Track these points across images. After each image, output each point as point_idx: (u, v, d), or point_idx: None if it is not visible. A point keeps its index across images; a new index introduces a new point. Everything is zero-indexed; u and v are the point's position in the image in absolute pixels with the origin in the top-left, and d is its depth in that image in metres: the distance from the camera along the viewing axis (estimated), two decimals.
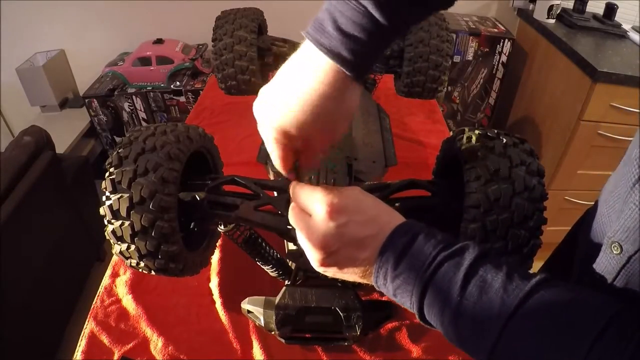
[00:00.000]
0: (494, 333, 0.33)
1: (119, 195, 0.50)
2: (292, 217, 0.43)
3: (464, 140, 0.53)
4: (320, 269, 0.42)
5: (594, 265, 0.44)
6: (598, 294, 0.33)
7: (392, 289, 0.39)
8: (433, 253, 0.37)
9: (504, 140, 0.52)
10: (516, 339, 0.32)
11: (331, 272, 0.42)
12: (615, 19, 1.73)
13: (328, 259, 0.40)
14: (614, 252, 0.41)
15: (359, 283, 0.47)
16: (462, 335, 0.36)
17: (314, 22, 0.37)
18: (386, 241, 0.39)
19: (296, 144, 0.41)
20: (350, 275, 0.41)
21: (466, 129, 0.56)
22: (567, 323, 0.31)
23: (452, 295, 0.35)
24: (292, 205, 0.44)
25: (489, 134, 0.54)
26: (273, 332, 0.57)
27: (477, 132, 0.54)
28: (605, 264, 0.42)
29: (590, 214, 0.50)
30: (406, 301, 0.39)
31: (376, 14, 0.34)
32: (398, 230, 0.39)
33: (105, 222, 0.52)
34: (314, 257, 0.41)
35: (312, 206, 0.41)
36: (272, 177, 0.78)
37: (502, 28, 1.92)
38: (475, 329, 0.34)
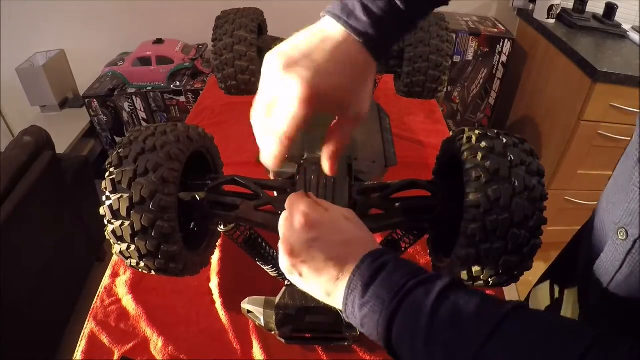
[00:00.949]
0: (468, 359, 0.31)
1: (119, 195, 0.50)
2: (280, 220, 0.45)
3: (464, 140, 0.53)
4: (288, 276, 0.43)
5: (600, 257, 0.44)
6: (575, 321, 0.32)
7: (359, 317, 0.37)
8: (402, 281, 0.35)
9: (504, 140, 0.52)
10: None
11: (296, 282, 0.43)
12: (615, 19, 1.73)
13: (293, 268, 0.41)
14: (620, 237, 0.41)
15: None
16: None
17: (342, 7, 0.39)
18: (355, 268, 0.38)
19: (327, 109, 0.39)
20: (314, 291, 0.41)
21: (466, 129, 0.56)
22: (544, 350, 0.29)
23: (422, 323, 0.33)
24: (284, 210, 0.45)
25: (489, 134, 0.54)
26: (273, 332, 0.57)
27: (477, 132, 0.54)
28: (612, 251, 0.42)
29: (594, 212, 0.51)
30: (373, 332, 0.37)
31: (399, 3, 0.38)
32: (368, 258, 0.38)
33: (105, 222, 0.52)
34: (282, 262, 0.42)
35: (294, 214, 0.43)
36: (272, 177, 0.78)
37: (502, 28, 1.92)
38: (447, 356, 0.32)
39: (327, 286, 0.40)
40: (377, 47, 0.39)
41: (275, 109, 0.39)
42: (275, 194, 0.64)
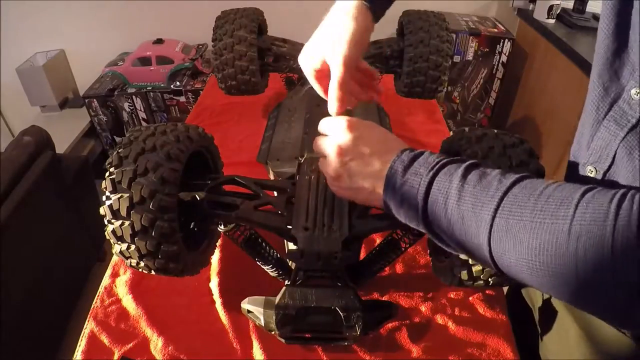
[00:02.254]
0: (494, 202, 0.35)
1: (119, 195, 0.50)
2: (317, 143, 0.51)
3: (464, 140, 0.54)
4: (334, 184, 0.49)
5: None
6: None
7: (398, 200, 0.42)
8: (437, 160, 0.41)
9: (504, 141, 0.52)
10: (515, 206, 0.34)
11: (345, 185, 0.48)
12: None
13: (342, 168, 0.47)
14: (590, 175, 0.46)
15: (358, 284, 0.47)
16: (462, 218, 0.38)
17: None
18: (396, 156, 0.43)
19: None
20: (359, 191, 0.46)
21: (466, 129, 0.56)
22: (560, 186, 0.34)
23: (454, 184, 0.38)
24: (317, 137, 0.51)
25: (488, 134, 0.54)
26: (273, 332, 0.56)
27: (477, 132, 0.54)
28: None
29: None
30: (412, 207, 0.41)
31: None
32: (406, 150, 0.44)
33: (106, 222, 0.52)
34: (330, 170, 0.48)
35: (335, 124, 0.49)
36: (272, 177, 0.78)
37: (502, 28, 1.92)
38: (476, 204, 0.37)
39: (371, 180, 0.45)
40: (378, 10, 0.53)
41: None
42: (275, 194, 0.64)
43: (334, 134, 0.48)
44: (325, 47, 0.52)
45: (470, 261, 0.55)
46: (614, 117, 0.44)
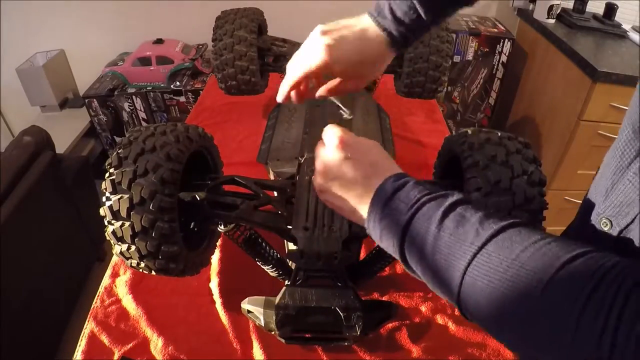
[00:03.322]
0: (466, 258, 0.34)
1: (119, 196, 0.50)
2: (317, 148, 0.50)
3: (466, 145, 0.53)
4: (321, 197, 0.49)
5: (583, 236, 0.46)
6: (569, 240, 0.33)
7: (378, 231, 0.41)
8: (418, 196, 0.39)
9: (507, 147, 0.52)
10: (485, 268, 0.33)
11: (329, 202, 0.48)
12: (615, 19, 1.73)
13: (325, 184, 0.46)
14: (604, 228, 0.43)
15: (357, 284, 0.46)
16: (436, 267, 0.37)
17: (375, 6, 0.52)
18: (379, 186, 0.42)
19: (334, 72, 0.53)
20: (342, 208, 0.46)
21: (469, 132, 0.56)
22: (539, 250, 0.32)
23: (431, 230, 0.37)
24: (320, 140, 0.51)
25: (492, 138, 0.53)
26: (273, 332, 0.56)
27: (480, 135, 0.54)
28: (597, 241, 0.44)
29: (580, 206, 0.52)
30: (389, 244, 0.41)
31: (420, 9, 0.49)
32: (390, 178, 0.42)
33: (106, 223, 0.52)
34: (316, 182, 0.48)
35: (329, 137, 0.48)
36: (272, 177, 0.78)
37: (502, 28, 1.92)
38: (449, 256, 0.35)
39: (353, 202, 0.44)
40: (395, 42, 0.51)
41: (301, 57, 0.53)
42: (275, 194, 0.64)
43: (327, 148, 0.47)
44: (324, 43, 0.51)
45: None
46: (638, 172, 0.39)
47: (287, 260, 0.64)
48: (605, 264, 0.29)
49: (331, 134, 0.48)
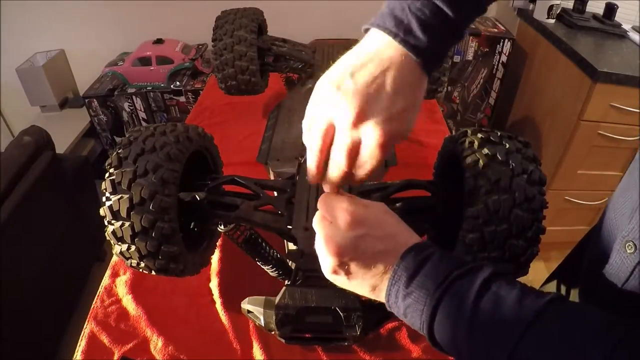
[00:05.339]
0: (510, 345, 0.32)
1: (119, 196, 0.50)
2: (316, 221, 0.43)
3: (466, 144, 0.53)
4: (330, 277, 0.42)
5: (607, 267, 0.44)
6: (607, 315, 0.32)
7: (402, 307, 0.38)
8: (445, 272, 0.36)
9: (507, 146, 0.52)
10: (532, 350, 0.32)
11: (340, 282, 0.42)
12: (615, 19, 1.73)
13: (340, 267, 0.41)
14: (628, 251, 0.41)
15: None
16: (475, 352, 0.35)
17: (395, 21, 0.38)
18: (400, 259, 0.38)
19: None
20: (359, 288, 0.41)
21: (469, 131, 0.55)
22: (582, 337, 0.31)
23: (465, 311, 0.34)
24: (317, 213, 0.44)
25: (492, 138, 0.53)
26: (273, 332, 0.56)
27: (479, 135, 0.53)
28: (619, 264, 0.43)
29: (602, 218, 0.51)
30: (416, 321, 0.38)
31: (448, 11, 0.38)
32: (413, 250, 0.39)
33: (106, 223, 0.52)
34: (327, 263, 0.41)
35: (335, 213, 0.42)
36: (272, 177, 0.78)
37: (502, 28, 1.92)
38: (489, 342, 0.33)
39: (374, 280, 0.40)
40: (432, 64, 0.39)
41: (354, 154, 0.40)
42: (275, 194, 0.64)
43: (336, 226, 0.41)
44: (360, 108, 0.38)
45: None
46: None
47: (287, 260, 0.64)
48: None
49: (338, 208, 0.42)
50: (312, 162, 0.42)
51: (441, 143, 0.65)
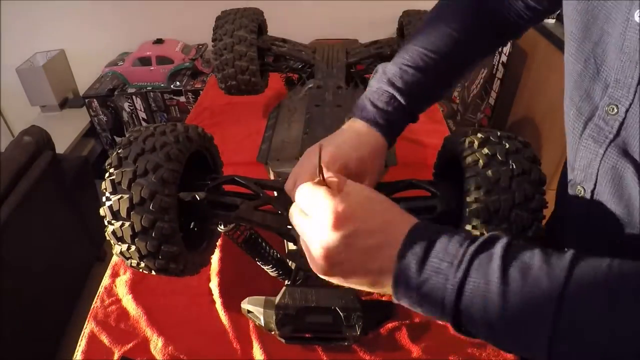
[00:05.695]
0: (552, 308, 0.30)
1: (119, 196, 0.50)
2: (294, 219, 0.40)
3: (466, 144, 0.53)
4: (324, 277, 0.39)
5: (569, 212, 0.49)
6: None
7: (416, 297, 0.35)
8: (461, 250, 0.34)
9: (507, 146, 0.52)
10: (577, 307, 0.30)
11: (336, 281, 0.39)
12: None
13: (333, 269, 0.37)
14: (579, 194, 0.46)
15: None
16: (513, 327, 0.32)
17: (358, 106, 0.56)
18: (403, 248, 0.35)
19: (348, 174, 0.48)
20: (358, 285, 0.38)
21: (469, 131, 0.56)
22: (624, 281, 0.30)
23: (493, 287, 0.32)
24: (294, 205, 0.41)
25: (491, 138, 0.53)
26: (273, 332, 0.57)
27: (479, 135, 0.54)
28: (576, 206, 0.47)
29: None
30: (436, 310, 0.35)
31: (400, 99, 0.56)
32: (414, 235, 0.36)
33: (106, 223, 0.52)
34: (317, 267, 0.38)
35: (315, 211, 0.37)
36: (272, 177, 0.78)
37: None
38: (528, 311, 0.31)
39: (372, 276, 0.37)
40: (385, 130, 0.55)
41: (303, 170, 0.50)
42: (275, 194, 0.64)
43: (317, 225, 0.37)
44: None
45: None
46: (591, 135, 0.44)
47: (287, 260, 0.64)
48: None
49: (319, 204, 0.37)
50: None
51: (441, 143, 0.65)
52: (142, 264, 0.53)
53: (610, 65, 0.41)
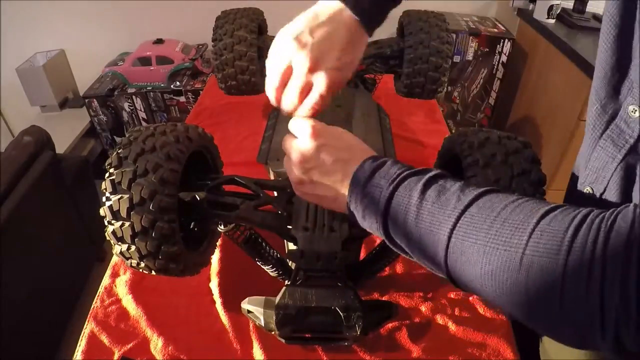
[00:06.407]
0: (450, 225, 0.35)
1: (119, 196, 0.50)
2: (284, 142, 0.50)
3: (466, 145, 0.53)
4: (298, 189, 0.49)
5: None
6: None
7: (361, 210, 0.42)
8: (398, 172, 0.41)
9: (507, 147, 0.52)
10: (470, 228, 0.34)
11: (307, 191, 0.48)
12: None
13: (304, 175, 0.46)
14: (587, 194, 0.46)
15: (358, 283, 0.46)
16: (421, 236, 0.37)
17: None
18: (358, 167, 0.43)
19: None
20: (323, 195, 0.46)
21: (469, 131, 0.56)
22: (519, 206, 0.33)
23: (413, 200, 0.38)
24: (287, 134, 0.50)
25: (491, 138, 0.53)
26: (273, 332, 0.56)
27: (479, 136, 0.54)
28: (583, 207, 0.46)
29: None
30: (372, 222, 0.41)
31: None
32: (369, 159, 0.43)
33: (106, 223, 0.52)
34: (293, 174, 0.48)
35: (299, 129, 0.48)
36: (272, 177, 0.78)
37: (502, 28, 1.92)
38: (434, 224, 0.36)
39: (335, 188, 0.45)
40: (373, 25, 0.50)
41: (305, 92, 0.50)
42: (275, 194, 0.64)
43: (300, 138, 0.47)
44: (311, 51, 0.48)
45: None
46: (610, 136, 0.42)
47: (287, 260, 0.64)
48: (582, 211, 0.31)
49: (302, 124, 0.48)
50: (271, 96, 0.52)
51: (441, 143, 0.65)
52: (142, 264, 0.53)
53: (637, 64, 0.39)
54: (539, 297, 0.30)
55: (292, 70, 0.49)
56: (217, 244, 0.71)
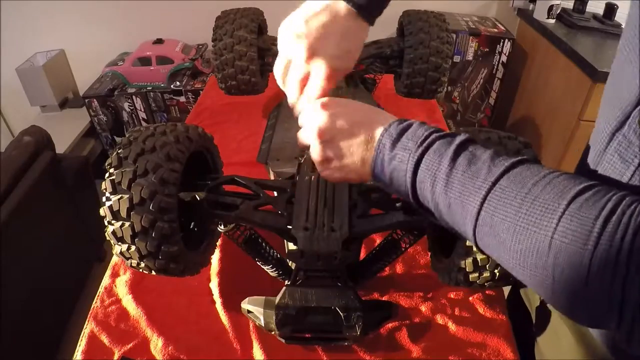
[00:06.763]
0: (481, 194, 0.35)
1: (119, 196, 0.50)
2: (299, 135, 0.49)
3: None
4: (322, 169, 0.47)
5: None
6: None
7: (388, 173, 0.41)
8: (426, 134, 0.39)
9: (507, 146, 0.52)
10: (500, 203, 0.34)
11: (334, 166, 0.46)
12: (615, 19, 1.73)
13: (326, 149, 0.45)
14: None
15: (358, 281, 0.46)
16: (450, 205, 0.37)
17: None
18: (383, 130, 0.42)
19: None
20: (349, 166, 0.44)
21: (469, 131, 0.56)
22: (550, 183, 0.32)
23: (443, 167, 0.37)
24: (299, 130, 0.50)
25: (491, 138, 0.53)
26: (273, 332, 0.57)
27: (480, 135, 0.54)
28: None
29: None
30: (401, 184, 0.40)
31: None
32: (395, 122, 0.42)
33: (106, 223, 0.52)
34: (315, 151, 0.46)
35: (309, 109, 0.47)
36: (272, 177, 0.78)
37: (502, 28, 1.92)
38: (463, 192, 0.36)
39: (360, 152, 0.43)
40: (372, 15, 0.50)
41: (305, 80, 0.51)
42: (275, 194, 0.64)
43: (311, 118, 0.46)
44: (313, 44, 0.49)
45: (467, 267, 0.55)
46: (617, 150, 0.39)
47: (287, 260, 0.64)
48: (616, 194, 0.30)
49: (308, 106, 0.48)
50: (285, 90, 0.53)
51: None
52: (142, 264, 0.53)
53: None
54: (564, 282, 0.30)
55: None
56: (217, 244, 0.71)
